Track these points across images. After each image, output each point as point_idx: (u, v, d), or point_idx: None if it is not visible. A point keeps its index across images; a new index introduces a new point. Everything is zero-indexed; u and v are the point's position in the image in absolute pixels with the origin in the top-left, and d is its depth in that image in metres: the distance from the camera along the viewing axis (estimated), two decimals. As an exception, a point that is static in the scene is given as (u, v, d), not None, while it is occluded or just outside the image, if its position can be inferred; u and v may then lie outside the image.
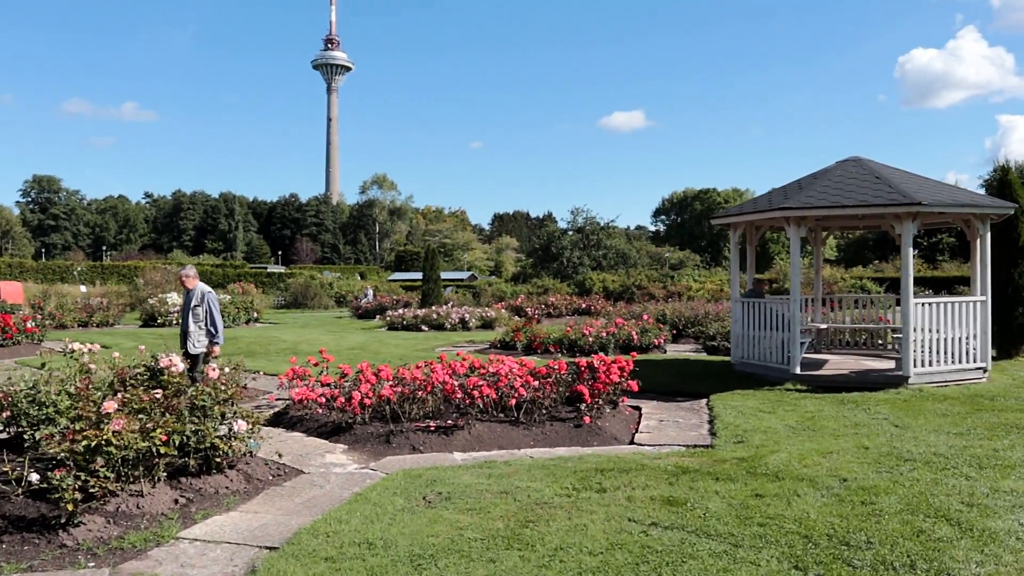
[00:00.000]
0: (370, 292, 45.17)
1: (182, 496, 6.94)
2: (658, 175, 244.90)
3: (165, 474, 7.06)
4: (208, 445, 7.22)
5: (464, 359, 11.42)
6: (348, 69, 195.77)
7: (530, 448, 8.85)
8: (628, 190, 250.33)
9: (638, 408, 11.15)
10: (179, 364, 9.24)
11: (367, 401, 9.39)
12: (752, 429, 9.02)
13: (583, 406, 9.62)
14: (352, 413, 9.51)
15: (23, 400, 8.45)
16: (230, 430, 7.40)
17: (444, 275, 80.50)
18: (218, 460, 7.30)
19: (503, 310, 29.70)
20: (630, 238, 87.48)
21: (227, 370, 12.70)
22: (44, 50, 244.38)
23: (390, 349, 19.44)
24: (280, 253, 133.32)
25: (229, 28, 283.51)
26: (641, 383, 12.26)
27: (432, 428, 9.15)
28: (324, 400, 9.80)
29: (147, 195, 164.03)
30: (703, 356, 17.18)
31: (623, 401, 10.52)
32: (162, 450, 6.64)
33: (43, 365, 8.78)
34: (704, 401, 11.44)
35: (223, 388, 7.85)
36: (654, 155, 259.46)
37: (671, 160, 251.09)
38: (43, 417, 8.09)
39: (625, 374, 10.57)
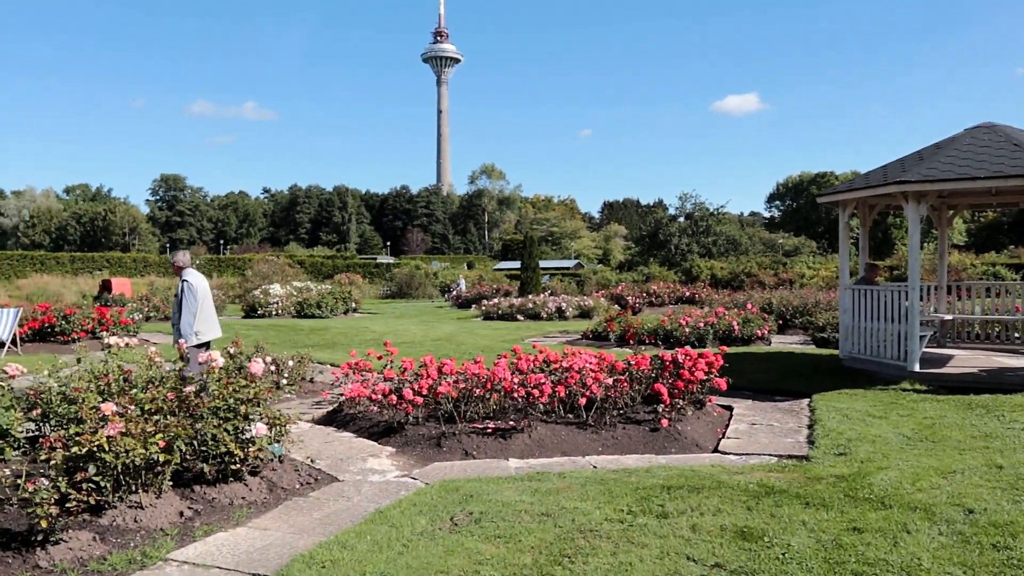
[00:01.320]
0: (462, 282, 44.65)
1: (190, 507, 6.20)
2: (773, 159, 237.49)
3: (171, 483, 6.36)
4: (223, 451, 6.46)
5: (541, 352, 10.42)
6: (457, 61, 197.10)
7: (596, 455, 7.77)
8: (741, 175, 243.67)
9: (729, 408, 9.91)
10: (219, 359, 8.57)
11: (418, 400, 8.51)
12: (858, 438, 7.68)
13: (660, 408, 8.47)
14: (404, 413, 8.66)
15: (55, 397, 7.92)
16: (244, 434, 6.62)
17: (550, 264, 79.73)
18: (235, 467, 6.53)
19: (602, 299, 28.51)
20: (743, 224, 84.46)
21: (290, 363, 12.16)
22: (171, 55, 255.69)
23: (476, 340, 18.61)
24: (390, 244, 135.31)
25: (341, 25, 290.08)
26: (736, 380, 11.03)
27: (489, 430, 8.19)
28: (379, 397, 8.98)
29: (265, 190, 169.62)
30: (810, 349, 15.63)
31: (710, 401, 9.30)
32: (161, 458, 5.90)
33: (79, 360, 8.25)
34: (806, 402, 10.08)
35: (246, 386, 7.06)
36: (769, 139, 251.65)
37: (786, 143, 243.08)
38: (72, 416, 7.51)
39: (714, 370, 9.36)
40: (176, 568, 5.07)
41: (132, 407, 6.47)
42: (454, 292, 40.79)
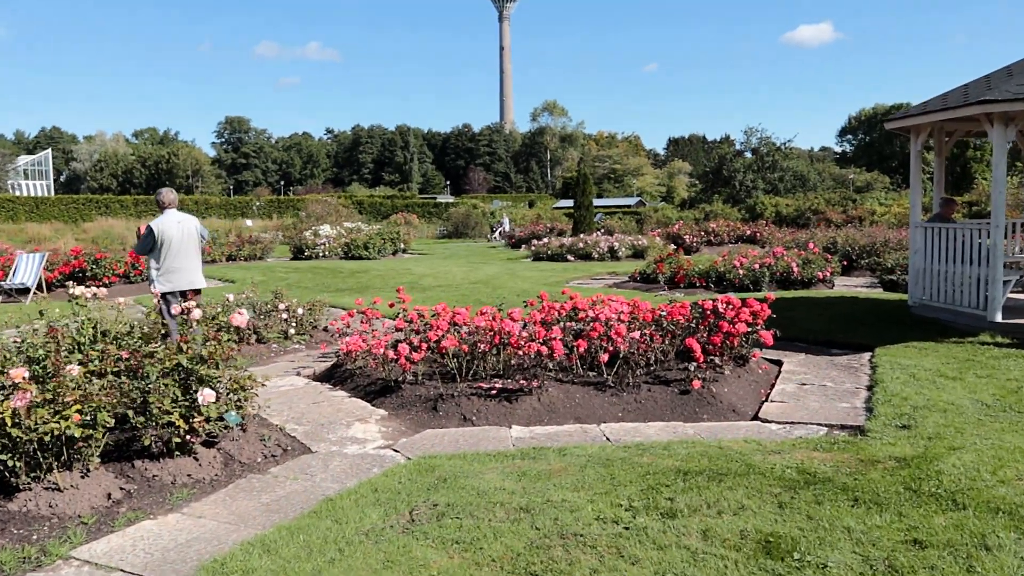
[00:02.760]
0: (506, 221, 43.54)
1: (123, 488, 5.33)
2: (846, 92, 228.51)
3: (104, 459, 5.49)
4: (164, 423, 5.54)
5: (572, 298, 9.31)
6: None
7: (614, 422, 6.68)
8: (812, 109, 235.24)
9: (778, 363, 8.69)
10: (195, 311, 7.67)
11: (415, 356, 7.50)
12: (925, 405, 6.42)
13: (692, 366, 7.29)
14: (400, 369, 7.67)
15: (15, 357, 7.12)
16: (197, 401, 5.69)
17: (610, 202, 77.96)
18: (179, 440, 5.62)
19: (657, 238, 27.12)
20: (812, 160, 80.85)
21: (300, 312, 11.27)
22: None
23: (515, 283, 17.54)
24: (449, 184, 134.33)
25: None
26: (789, 329, 9.82)
27: (494, 392, 7.15)
28: (379, 352, 8.01)
29: (328, 131, 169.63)
30: (876, 293, 14.17)
31: (755, 356, 8.08)
32: (78, 433, 5.00)
33: (41, 313, 7.43)
34: (867, 356, 8.78)
35: (206, 344, 6.12)
36: (842, 70, 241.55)
37: (861, 75, 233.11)
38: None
39: (759, 321, 8.12)
40: (74, 570, 4.19)
41: (74, 368, 5.60)
42: (497, 232, 39.75)
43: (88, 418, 5.15)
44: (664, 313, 8.18)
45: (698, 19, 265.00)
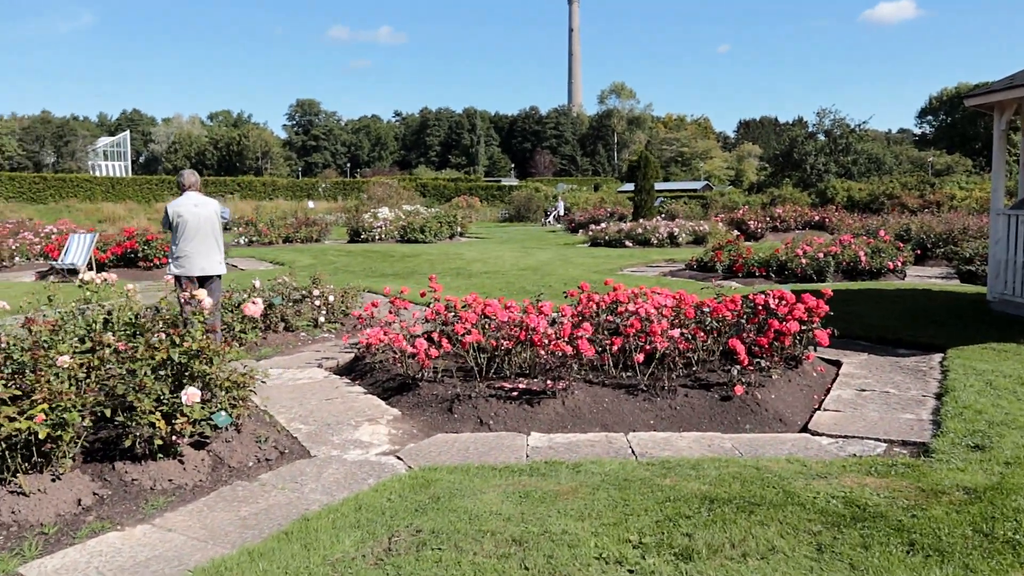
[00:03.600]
0: (560, 204, 42.77)
1: (97, 492, 4.89)
2: (927, 71, 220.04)
3: (82, 459, 5.08)
4: (145, 423, 5.09)
5: (615, 288, 8.68)
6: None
7: (644, 431, 6.03)
8: (892, 90, 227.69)
9: (836, 364, 7.90)
10: (206, 300, 7.24)
11: (433, 352, 6.94)
12: (1004, 421, 5.61)
13: (736, 370, 6.57)
14: (419, 365, 7.12)
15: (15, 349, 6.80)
16: (171, 403, 5.22)
17: (677, 185, 76.37)
18: (160, 443, 5.17)
19: (720, 223, 26.12)
20: (889, 142, 77.95)
21: (331, 299, 10.82)
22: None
23: (566, 270, 16.87)
24: (514, 167, 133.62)
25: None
26: (851, 325, 9.07)
27: (515, 393, 6.55)
28: (402, 345, 7.47)
29: (396, 113, 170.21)
30: (952, 285, 13.12)
31: (808, 358, 7.31)
32: (42, 433, 4.56)
33: (50, 299, 7.09)
34: (938, 358, 7.92)
35: (195, 338, 5.65)
36: (924, 48, 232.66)
37: (943, 53, 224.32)
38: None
39: (815, 318, 7.35)
40: (12, 595, 3.74)
41: (64, 360, 5.21)
42: (552, 216, 39.11)
43: (57, 417, 4.71)
44: (708, 309, 7.46)
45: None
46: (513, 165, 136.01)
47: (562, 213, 40.98)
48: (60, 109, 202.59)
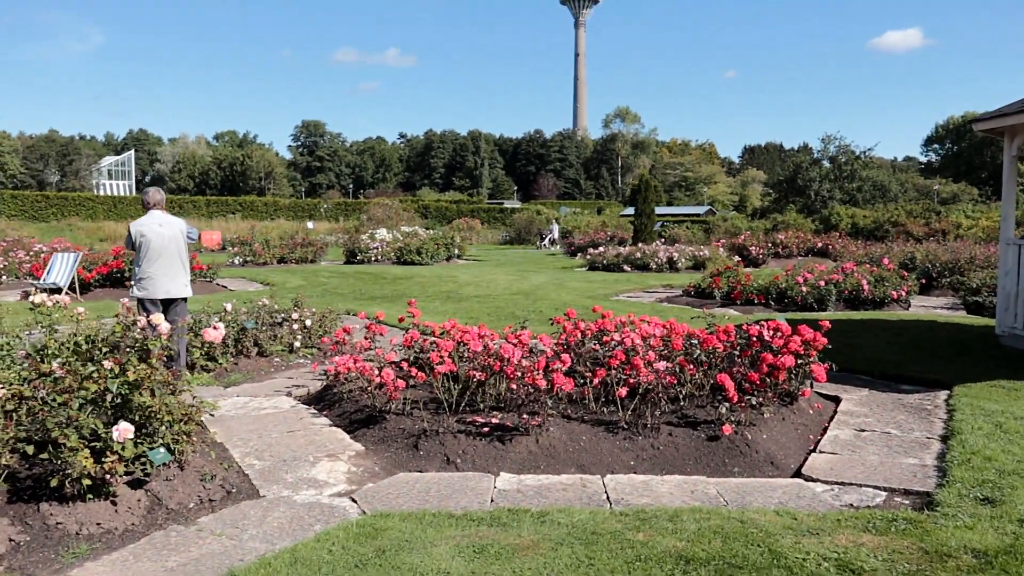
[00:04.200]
0: (555, 228, 42.44)
1: (14, 539, 4.42)
2: (933, 100, 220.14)
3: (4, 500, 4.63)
4: (73, 461, 4.63)
5: (603, 316, 8.24)
6: (595, 2, 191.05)
7: (623, 473, 5.56)
8: (897, 118, 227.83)
9: (835, 400, 7.43)
10: (163, 325, 6.81)
11: (400, 383, 6.47)
12: (1016, 470, 5.12)
13: (724, 407, 6.09)
14: (385, 396, 6.66)
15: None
16: (106, 439, 4.76)
17: (680, 210, 76.02)
18: (88, 483, 4.70)
19: (721, 249, 25.68)
20: (895, 170, 77.47)
21: (308, 323, 10.37)
22: (319, 3, 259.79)
23: (559, 295, 16.41)
24: (517, 189, 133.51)
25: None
26: (851, 359, 8.63)
27: (486, 429, 6.08)
28: (368, 374, 7.00)
29: (401, 135, 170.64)
30: (959, 317, 12.63)
31: (804, 394, 6.83)
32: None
33: (-2, 320, 6.67)
34: (943, 396, 7.44)
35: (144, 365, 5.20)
36: (931, 78, 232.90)
37: (950, 82, 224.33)
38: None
39: (812, 351, 6.88)
40: None
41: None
42: (547, 239, 38.78)
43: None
44: (696, 341, 6.99)
45: (781, 25, 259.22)
46: (517, 188, 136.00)
47: (556, 236, 40.62)
48: (68, 129, 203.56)
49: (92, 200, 66.92)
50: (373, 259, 29.04)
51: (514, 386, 6.10)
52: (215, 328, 7.32)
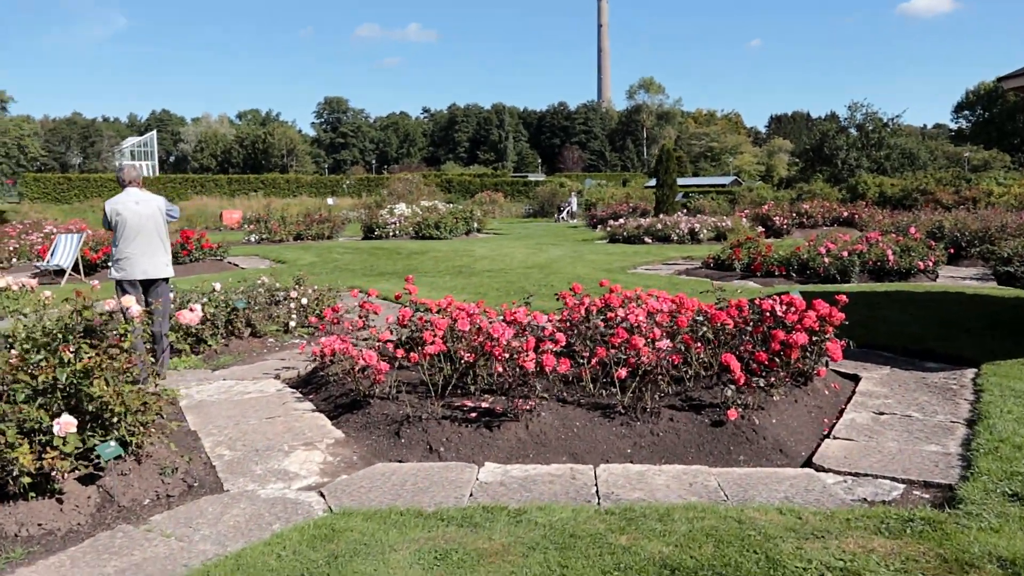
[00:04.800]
0: (573, 200, 41.78)
1: (-56, 544, 4.09)
2: (964, 66, 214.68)
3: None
4: (11, 458, 4.28)
5: (611, 291, 7.78)
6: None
7: (618, 463, 5.12)
8: (927, 85, 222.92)
9: (854, 379, 6.94)
10: (134, 308, 6.45)
11: (383, 366, 6.06)
12: (1051, 459, 4.63)
13: (730, 390, 5.62)
14: (369, 381, 6.25)
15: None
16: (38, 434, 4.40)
17: (705, 180, 74.87)
18: (28, 479, 4.34)
19: (744, 219, 24.99)
20: (925, 137, 75.75)
21: (304, 301, 10.00)
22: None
23: (574, 268, 15.93)
24: (542, 162, 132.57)
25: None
26: (874, 333, 8.16)
27: (474, 415, 5.67)
28: (352, 355, 6.61)
29: (425, 110, 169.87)
30: (989, 288, 12.01)
31: (820, 373, 6.33)
32: None
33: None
34: (970, 374, 6.92)
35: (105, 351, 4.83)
36: (961, 43, 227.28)
37: (981, 47, 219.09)
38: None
39: (828, 327, 6.37)
40: None
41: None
42: (565, 212, 38.21)
43: None
44: (701, 318, 6.51)
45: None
46: (541, 161, 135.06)
47: (575, 208, 39.98)
48: (91, 111, 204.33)
49: (114, 181, 66.95)
50: (391, 234, 28.64)
51: (500, 368, 5.66)
52: (192, 310, 6.96)
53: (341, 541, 3.84)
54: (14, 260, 20.24)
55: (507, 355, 5.56)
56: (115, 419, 4.77)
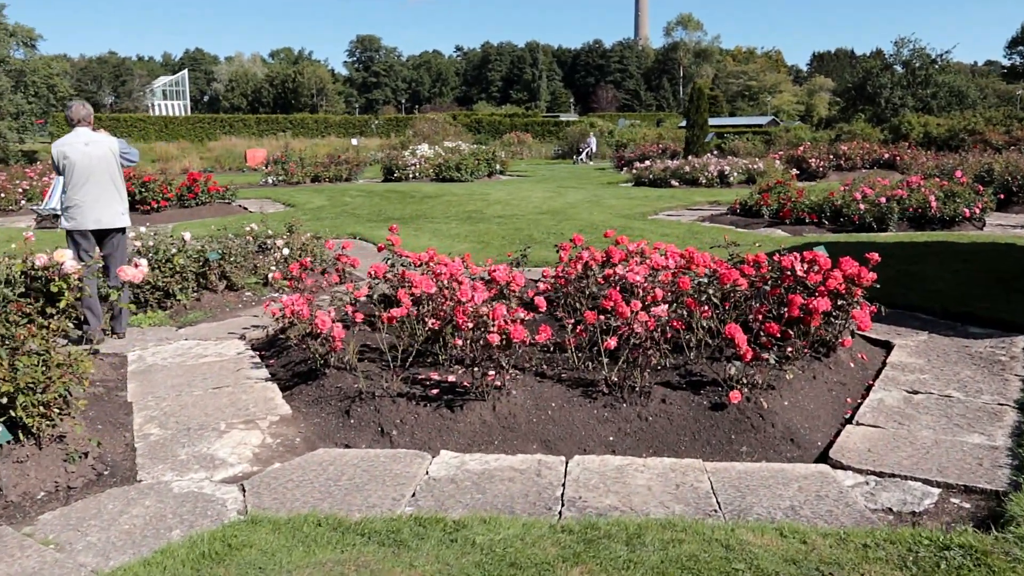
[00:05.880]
0: (592, 141, 40.43)
1: None
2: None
3: None
4: None
5: (618, 242, 6.96)
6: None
7: (597, 453, 4.35)
8: (979, 19, 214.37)
9: (886, 346, 6.08)
10: (68, 262, 5.76)
11: (337, 332, 5.30)
12: (1125, 464, 3.77)
13: (734, 367, 4.78)
14: (326, 349, 5.50)
15: None
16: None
17: (741, 120, 72.74)
18: None
19: (777, 161, 23.74)
20: (975, 75, 72.62)
21: (285, 252, 9.26)
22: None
23: (591, 214, 15.00)
24: (575, 102, 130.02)
25: None
26: (911, 291, 7.25)
27: (435, 391, 4.90)
28: (307, 318, 5.85)
29: (458, 49, 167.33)
30: (1045, 238, 10.95)
31: (844, 344, 5.45)
32: None
33: None
34: (1021, 342, 6.00)
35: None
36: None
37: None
38: None
39: (856, 290, 5.49)
40: None
41: None
42: (584, 153, 37.06)
43: None
44: (705, 279, 5.66)
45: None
46: (575, 101, 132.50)
47: (594, 150, 38.74)
48: (127, 50, 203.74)
49: (144, 121, 66.75)
50: (411, 176, 27.76)
51: (459, 342, 4.87)
52: (136, 266, 6.24)
53: (232, 563, 3.12)
54: (22, 202, 19.74)
55: (471, 324, 4.75)
56: (3, 399, 4.08)
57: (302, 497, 3.87)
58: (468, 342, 4.73)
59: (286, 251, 9.10)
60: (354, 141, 46.31)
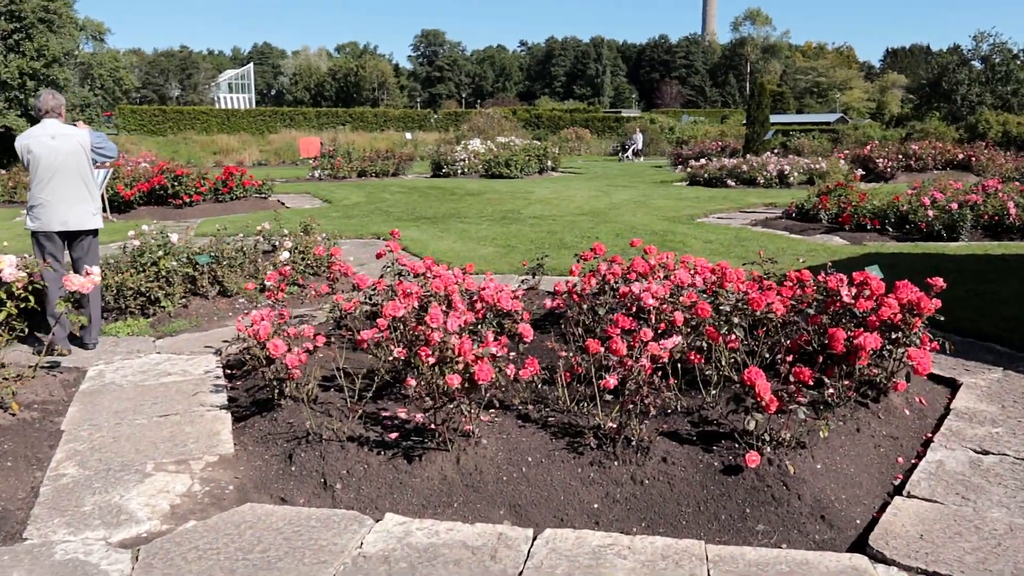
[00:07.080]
0: (638, 137, 39.12)
1: None
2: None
3: None
4: None
5: (649, 255, 6.13)
6: None
7: (573, 527, 3.50)
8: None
9: (950, 386, 5.10)
10: (7, 271, 5.15)
11: (292, 360, 4.53)
12: None
13: (753, 422, 3.87)
14: (283, 376, 4.75)
15: None
16: None
17: (808, 118, 70.44)
18: None
19: (841, 161, 22.39)
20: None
21: (283, 256, 8.56)
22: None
23: (634, 216, 14.05)
24: (639, 98, 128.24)
25: None
26: (982, 317, 6.19)
27: (394, 435, 4.11)
28: (262, 341, 5.11)
29: (522, 43, 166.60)
30: None
31: (897, 387, 4.50)
32: None
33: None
34: (1120, 388, 4.97)
35: None
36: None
37: None
38: None
39: (916, 320, 4.53)
40: None
41: None
42: (630, 150, 35.89)
43: None
44: (733, 303, 4.75)
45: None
46: (639, 97, 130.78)
47: (640, 146, 37.56)
48: (198, 44, 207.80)
49: (206, 114, 67.48)
50: (459, 172, 27.09)
51: (412, 382, 4.06)
52: (87, 274, 5.56)
53: None
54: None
55: (432, 359, 3.94)
56: None
57: (198, 574, 3.12)
58: (424, 382, 3.92)
59: (285, 254, 8.40)
60: (408, 136, 45.92)
